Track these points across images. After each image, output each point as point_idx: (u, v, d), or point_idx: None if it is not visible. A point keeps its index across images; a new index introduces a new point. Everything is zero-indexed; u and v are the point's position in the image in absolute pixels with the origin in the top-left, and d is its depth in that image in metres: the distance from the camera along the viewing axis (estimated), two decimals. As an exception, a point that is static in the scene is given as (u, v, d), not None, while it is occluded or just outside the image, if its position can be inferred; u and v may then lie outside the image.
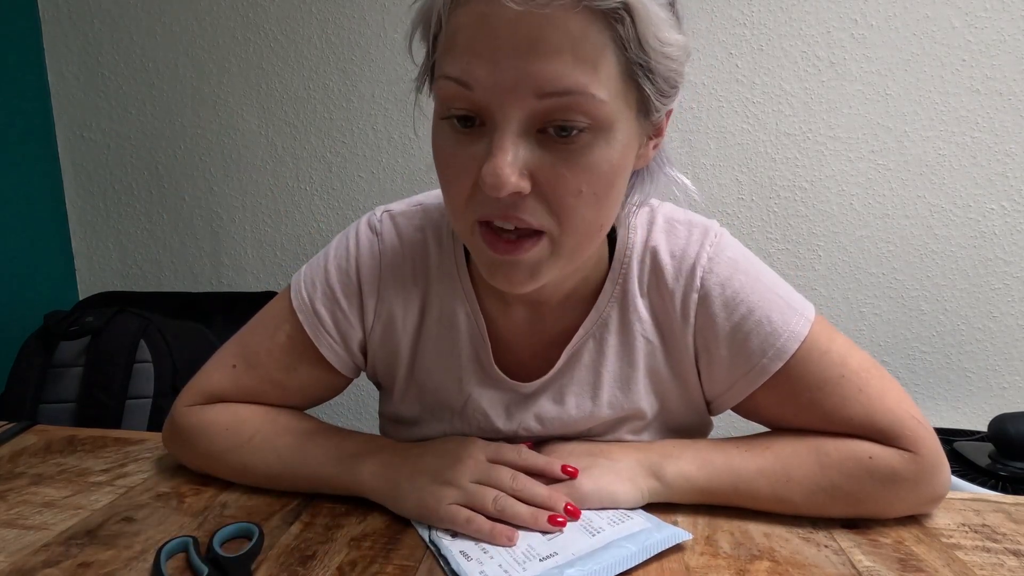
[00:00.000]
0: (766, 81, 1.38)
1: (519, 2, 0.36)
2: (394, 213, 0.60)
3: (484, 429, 0.60)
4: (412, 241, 0.59)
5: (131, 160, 1.62)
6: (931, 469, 0.52)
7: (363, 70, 1.49)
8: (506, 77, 0.38)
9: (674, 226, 0.56)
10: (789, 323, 0.53)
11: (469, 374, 0.58)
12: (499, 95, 0.39)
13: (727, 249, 0.55)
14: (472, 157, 0.42)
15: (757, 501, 0.53)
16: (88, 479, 0.61)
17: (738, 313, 0.53)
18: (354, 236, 0.59)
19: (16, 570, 0.46)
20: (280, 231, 1.60)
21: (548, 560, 0.45)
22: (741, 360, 0.54)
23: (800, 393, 0.53)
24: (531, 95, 0.39)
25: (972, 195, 1.36)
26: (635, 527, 0.49)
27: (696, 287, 0.54)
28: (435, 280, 0.58)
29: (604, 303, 0.56)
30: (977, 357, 1.42)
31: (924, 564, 0.48)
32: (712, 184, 1.43)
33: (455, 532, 0.49)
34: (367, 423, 1.64)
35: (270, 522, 0.52)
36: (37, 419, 1.09)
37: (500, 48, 0.38)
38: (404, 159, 1.52)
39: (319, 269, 0.59)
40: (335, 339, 0.59)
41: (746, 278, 0.54)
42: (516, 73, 0.38)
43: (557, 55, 0.37)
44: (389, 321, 0.59)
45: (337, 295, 0.58)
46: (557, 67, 0.38)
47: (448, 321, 0.58)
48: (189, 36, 1.53)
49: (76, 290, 1.69)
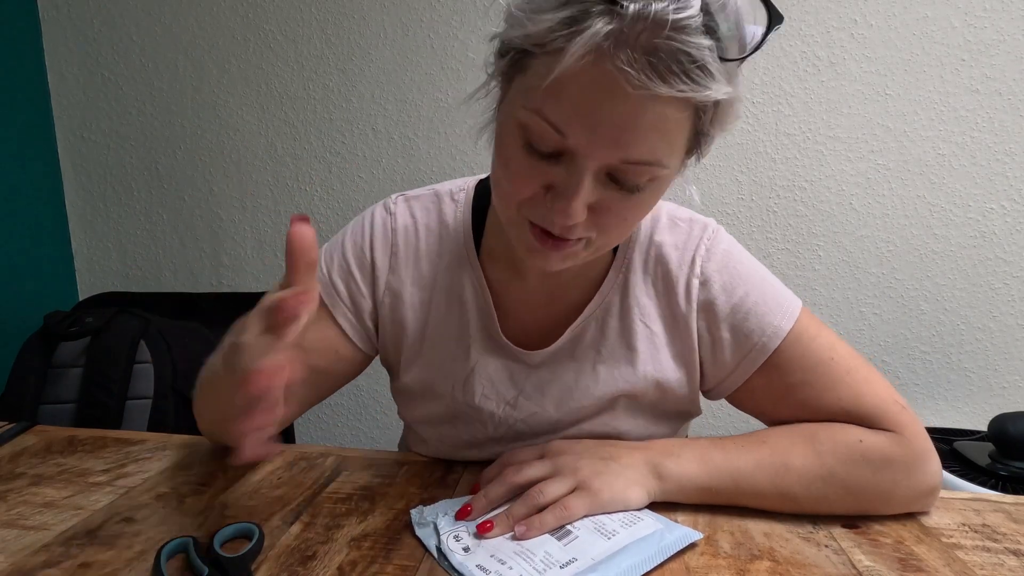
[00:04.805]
0: (766, 81, 1.38)
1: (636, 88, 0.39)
2: (408, 197, 0.65)
3: (488, 396, 0.62)
4: (423, 222, 0.63)
5: (131, 160, 1.62)
6: (919, 452, 0.54)
7: (363, 70, 1.49)
8: (603, 141, 0.42)
9: (676, 223, 0.61)
10: (782, 305, 0.58)
11: (477, 343, 0.62)
12: (590, 151, 0.43)
13: (722, 242, 0.60)
14: (543, 173, 0.45)
15: (758, 496, 0.54)
16: (88, 479, 0.61)
17: (736, 295, 0.58)
18: (369, 217, 0.65)
19: (16, 570, 0.46)
20: (280, 231, 1.60)
21: (568, 567, 0.45)
22: (741, 340, 0.58)
23: (794, 373, 0.57)
24: (617, 159, 0.43)
25: (972, 195, 1.36)
26: (647, 529, 0.49)
27: (697, 273, 0.59)
28: (444, 258, 0.62)
29: (607, 290, 0.60)
30: (977, 357, 1.42)
31: (924, 564, 0.48)
32: (712, 184, 1.43)
33: (467, 547, 0.48)
34: (367, 423, 1.64)
35: (270, 522, 0.53)
36: (37, 419, 1.09)
37: (605, 120, 0.41)
38: (404, 159, 1.52)
39: (337, 245, 0.64)
40: (348, 308, 0.63)
41: (740, 266, 0.59)
42: (612, 141, 0.42)
43: (649, 133, 0.42)
44: (398, 295, 0.63)
45: (352, 269, 0.63)
46: (648, 144, 0.43)
47: (456, 296, 0.62)
48: (189, 36, 1.53)
49: (76, 290, 1.69)
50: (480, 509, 0.52)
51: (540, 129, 0.43)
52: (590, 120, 0.42)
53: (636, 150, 0.42)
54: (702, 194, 1.44)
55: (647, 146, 0.43)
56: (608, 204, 0.46)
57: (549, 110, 0.42)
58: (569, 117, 0.42)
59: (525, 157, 0.45)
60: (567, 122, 0.42)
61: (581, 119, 0.42)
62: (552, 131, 0.43)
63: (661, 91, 0.39)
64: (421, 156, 1.51)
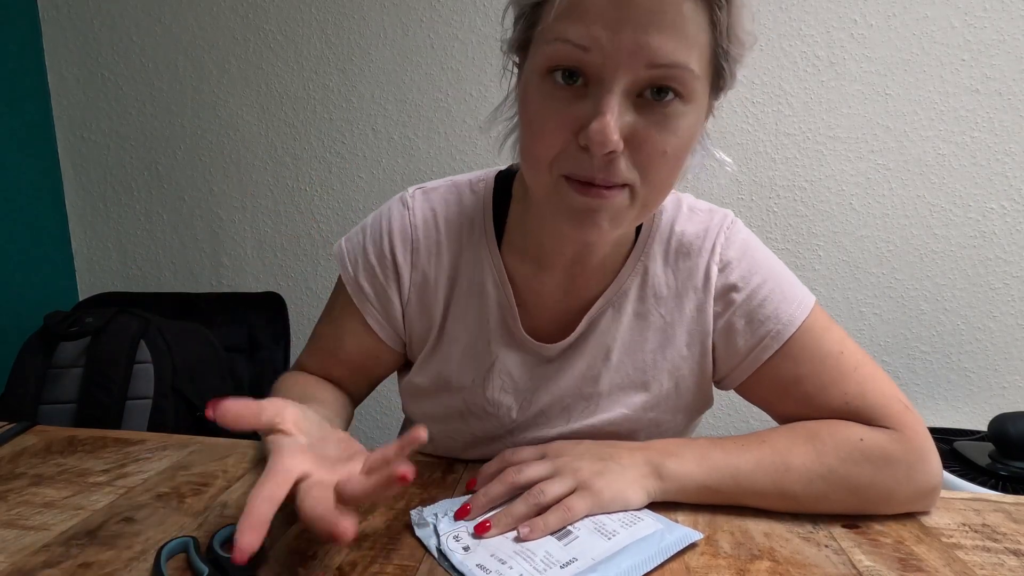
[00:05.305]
0: (766, 81, 1.38)
1: None
2: (426, 189, 0.64)
3: (506, 390, 0.62)
4: (443, 215, 0.63)
5: (131, 160, 1.62)
6: (920, 451, 0.54)
7: (363, 70, 1.49)
8: (625, 45, 0.42)
9: (696, 212, 0.62)
10: (797, 296, 0.59)
11: (497, 337, 0.62)
12: (614, 60, 0.43)
13: (741, 232, 0.62)
14: (571, 115, 0.45)
15: (759, 496, 0.54)
16: (88, 479, 0.61)
17: (753, 282, 0.59)
18: (387, 212, 0.64)
19: (16, 570, 0.46)
20: (280, 231, 1.60)
21: (568, 567, 0.45)
22: (756, 326, 0.58)
23: (804, 364, 0.57)
24: (642, 65, 0.43)
25: (972, 195, 1.36)
26: (647, 529, 0.49)
27: (716, 260, 0.60)
28: (464, 251, 0.62)
29: (626, 276, 0.61)
30: (977, 357, 1.42)
31: (924, 564, 0.48)
32: (712, 184, 1.43)
33: (467, 546, 0.48)
34: (367, 423, 1.64)
35: (270, 522, 0.52)
36: (37, 419, 1.09)
37: (623, 19, 0.42)
38: (404, 159, 1.52)
39: (359, 246, 0.64)
40: (377, 309, 0.64)
41: (758, 254, 0.61)
42: (634, 43, 0.42)
43: (671, 31, 0.42)
44: (423, 290, 0.63)
45: (376, 271, 0.63)
46: (670, 43, 0.42)
47: (477, 289, 0.62)
48: (189, 36, 1.54)
49: (76, 290, 1.69)
50: (479, 508, 0.52)
51: (563, 54, 0.44)
52: (609, 27, 0.42)
53: (660, 51, 0.42)
54: (702, 194, 1.43)
55: (670, 45, 0.42)
56: (643, 135, 0.45)
57: (568, 30, 0.43)
58: (588, 29, 0.42)
59: (552, 100, 0.46)
60: (586, 35, 0.43)
61: (600, 27, 0.42)
62: (576, 50, 0.43)
63: None
64: (421, 156, 1.51)
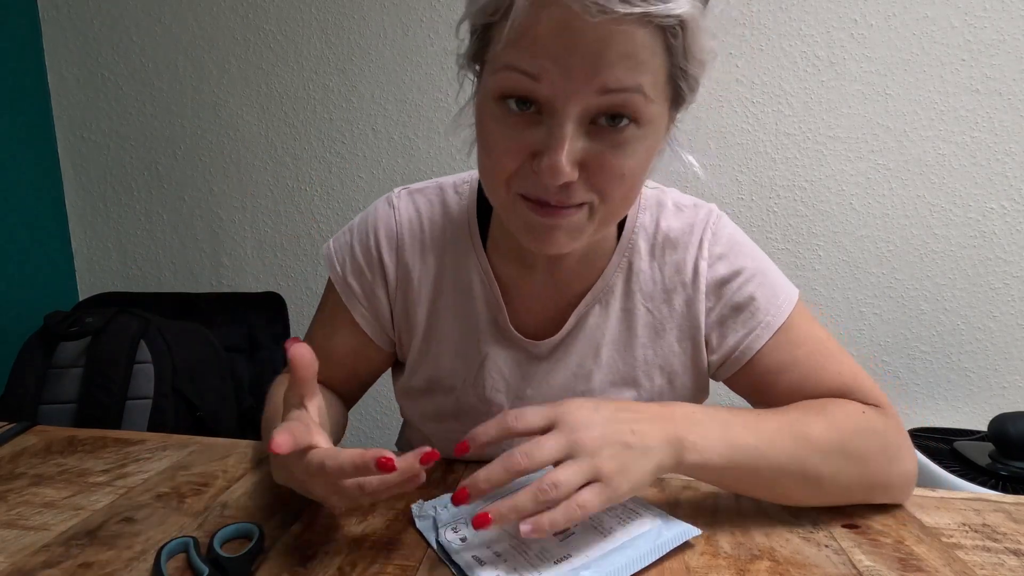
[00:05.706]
0: (766, 81, 1.38)
1: (595, 16, 0.39)
2: (412, 190, 0.65)
3: (498, 389, 0.62)
4: (427, 215, 0.63)
5: (131, 160, 1.62)
6: (903, 431, 0.57)
7: (363, 70, 1.49)
8: (575, 74, 0.42)
9: (681, 208, 0.62)
10: (784, 287, 0.60)
11: (487, 336, 0.62)
12: (565, 90, 0.42)
13: (727, 226, 0.62)
14: (525, 141, 0.45)
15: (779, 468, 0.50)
16: (88, 479, 0.61)
17: (743, 276, 0.60)
18: (373, 212, 0.65)
19: (16, 570, 0.46)
20: (280, 231, 1.60)
21: (563, 563, 0.45)
22: (747, 318, 0.59)
23: (800, 346, 0.58)
24: (593, 92, 0.42)
25: (972, 195, 1.36)
26: (644, 525, 0.49)
27: (705, 255, 0.60)
28: (450, 250, 0.62)
29: (611, 273, 0.61)
30: (977, 357, 1.42)
31: (924, 564, 0.48)
32: (712, 184, 1.43)
33: (464, 537, 0.48)
34: (367, 423, 1.64)
35: (270, 522, 0.52)
36: (37, 419, 1.09)
37: (572, 48, 0.41)
38: (404, 159, 1.52)
39: (346, 245, 0.65)
40: (366, 307, 0.64)
41: (745, 247, 0.61)
42: (584, 72, 0.42)
43: (622, 60, 0.42)
44: (407, 289, 0.63)
45: (363, 269, 0.63)
46: (620, 69, 0.42)
47: (464, 288, 0.62)
48: (189, 36, 1.53)
49: (76, 290, 1.69)
50: (478, 493, 0.44)
51: (513, 83, 0.43)
52: (559, 59, 0.41)
53: (611, 76, 0.42)
54: (702, 195, 1.43)
55: (621, 70, 0.42)
56: (599, 160, 0.45)
57: (518, 59, 0.43)
58: (538, 60, 0.42)
59: (505, 127, 0.45)
60: (537, 65, 0.42)
61: (550, 59, 0.42)
62: (526, 79, 0.43)
63: (619, 10, 0.39)
64: (421, 156, 1.51)
